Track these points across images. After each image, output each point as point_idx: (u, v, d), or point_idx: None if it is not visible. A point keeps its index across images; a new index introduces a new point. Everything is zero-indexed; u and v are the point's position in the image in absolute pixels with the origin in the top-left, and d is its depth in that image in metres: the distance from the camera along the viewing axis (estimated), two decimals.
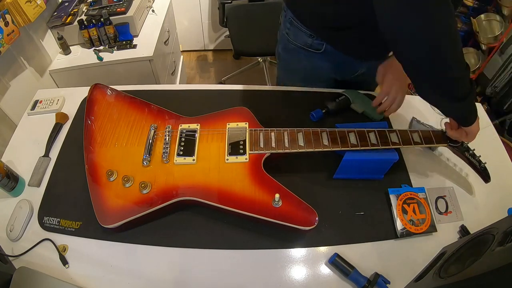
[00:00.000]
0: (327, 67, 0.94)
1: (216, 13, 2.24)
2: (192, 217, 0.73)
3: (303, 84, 1.02)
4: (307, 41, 0.88)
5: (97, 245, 0.70)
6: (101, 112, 0.83)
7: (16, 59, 1.19)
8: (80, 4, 1.48)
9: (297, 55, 0.94)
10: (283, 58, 1.01)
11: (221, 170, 0.72)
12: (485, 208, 0.79)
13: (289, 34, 0.92)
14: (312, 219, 0.66)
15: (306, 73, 0.99)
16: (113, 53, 1.45)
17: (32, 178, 0.79)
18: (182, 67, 2.11)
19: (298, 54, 0.93)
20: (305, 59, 0.93)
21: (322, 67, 0.94)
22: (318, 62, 0.92)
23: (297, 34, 0.89)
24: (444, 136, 0.77)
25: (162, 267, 0.68)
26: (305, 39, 0.88)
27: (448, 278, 0.54)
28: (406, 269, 0.68)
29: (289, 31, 0.91)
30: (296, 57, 0.95)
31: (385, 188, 0.77)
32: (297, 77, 1.02)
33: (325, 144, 0.74)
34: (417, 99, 1.01)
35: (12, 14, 1.08)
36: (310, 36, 0.87)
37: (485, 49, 1.91)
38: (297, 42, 0.91)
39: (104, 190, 0.71)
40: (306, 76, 1.00)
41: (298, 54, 0.93)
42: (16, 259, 0.68)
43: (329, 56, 0.89)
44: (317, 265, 0.69)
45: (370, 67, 0.94)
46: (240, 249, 0.70)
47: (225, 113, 0.82)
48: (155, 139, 0.77)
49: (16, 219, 0.72)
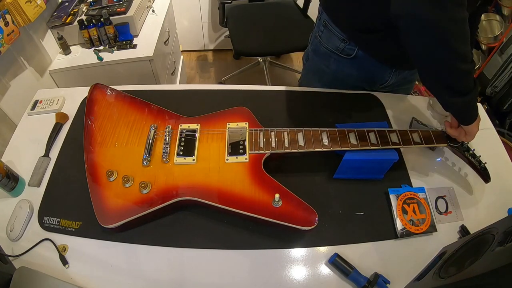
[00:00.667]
0: (356, 75, 0.93)
1: (216, 13, 2.24)
2: (192, 217, 0.73)
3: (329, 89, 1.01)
4: (339, 45, 0.88)
5: (97, 245, 0.70)
6: (101, 112, 0.83)
7: (16, 59, 1.19)
8: (80, 4, 1.48)
9: (327, 59, 0.93)
10: (311, 59, 1.00)
11: (221, 170, 0.72)
12: (485, 208, 0.79)
13: (321, 37, 0.92)
14: (312, 219, 0.66)
15: (334, 79, 0.98)
16: (113, 53, 1.45)
17: (32, 178, 0.79)
18: (182, 67, 2.11)
19: (328, 58, 0.93)
20: (334, 64, 0.93)
21: (351, 74, 0.93)
22: (347, 69, 0.92)
23: (330, 37, 0.89)
24: (444, 136, 0.77)
25: (162, 267, 0.68)
26: (337, 44, 0.88)
27: (448, 278, 0.54)
28: (406, 269, 0.68)
29: (322, 33, 0.91)
30: (325, 61, 0.94)
31: (385, 188, 0.77)
32: (323, 81, 1.01)
33: (325, 144, 0.74)
34: (417, 99, 1.01)
35: (12, 14, 1.08)
36: (342, 41, 0.86)
37: (485, 49, 1.91)
38: (329, 46, 0.90)
39: (104, 190, 0.71)
40: (332, 82, 0.99)
41: (328, 58, 0.93)
42: (16, 259, 0.68)
43: (360, 63, 0.89)
44: (317, 265, 0.69)
45: (400, 77, 0.94)
46: (240, 249, 0.70)
47: (225, 113, 0.82)
48: (155, 139, 0.77)
49: (16, 219, 0.72)
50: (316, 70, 1.01)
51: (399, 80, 0.95)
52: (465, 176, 0.84)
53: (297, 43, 1.80)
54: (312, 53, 0.99)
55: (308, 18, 1.91)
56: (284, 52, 2.39)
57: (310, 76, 1.05)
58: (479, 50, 1.97)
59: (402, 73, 0.93)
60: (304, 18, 1.92)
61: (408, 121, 0.93)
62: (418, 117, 0.92)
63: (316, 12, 0.96)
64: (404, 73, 0.94)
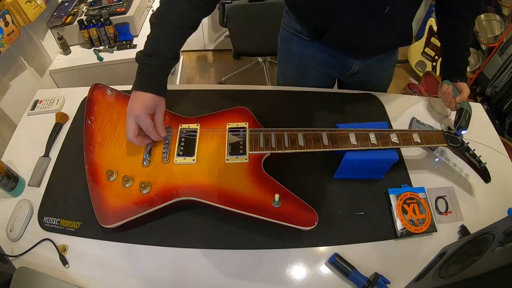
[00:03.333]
0: (320, 58, 0.95)
1: (216, 13, 2.23)
2: (192, 217, 0.73)
3: (299, 76, 1.03)
4: (297, 28, 0.92)
5: (97, 245, 0.70)
6: (101, 112, 0.83)
7: (16, 59, 1.19)
8: (80, 4, 1.48)
9: (290, 42, 0.97)
10: (280, 47, 1.04)
11: (221, 170, 0.72)
12: (485, 208, 0.79)
13: (284, 23, 0.96)
14: (312, 219, 0.65)
15: (300, 62, 1.00)
16: (113, 53, 1.45)
17: (32, 178, 0.79)
18: (182, 67, 2.11)
19: (291, 41, 0.96)
20: (297, 47, 0.96)
21: (314, 57, 0.96)
22: (310, 51, 0.95)
23: (291, 22, 0.93)
24: (444, 136, 0.77)
25: (162, 267, 0.68)
26: (296, 27, 0.92)
27: (448, 278, 0.54)
28: (406, 269, 0.68)
29: (284, 20, 0.96)
30: (289, 45, 0.98)
31: (385, 188, 0.77)
32: (291, 65, 1.03)
33: (325, 144, 0.74)
34: (417, 99, 1.01)
35: (12, 14, 1.08)
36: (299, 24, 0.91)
37: (485, 49, 1.91)
38: (290, 29, 0.94)
39: (104, 190, 0.71)
40: (299, 66, 1.01)
41: (291, 42, 0.96)
42: (16, 259, 0.68)
43: (320, 46, 0.92)
44: (317, 265, 0.69)
45: (365, 65, 0.94)
46: (240, 249, 0.70)
47: (225, 113, 0.82)
48: None
49: (16, 219, 0.72)
50: (283, 56, 1.05)
51: (368, 68, 0.96)
52: (465, 176, 0.84)
53: None
54: (280, 41, 1.02)
55: None
56: None
57: (281, 64, 1.08)
58: (479, 50, 1.97)
59: (367, 61, 0.94)
60: None
61: (408, 121, 0.93)
62: (418, 117, 0.92)
63: None
64: (369, 61, 0.94)
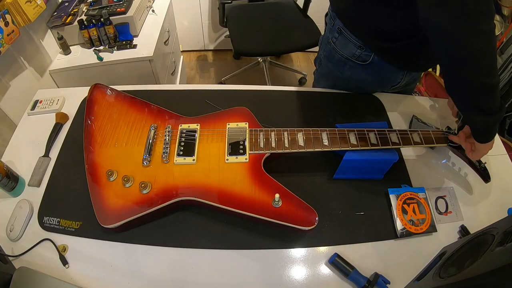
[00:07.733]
0: (371, 80, 0.93)
1: (216, 13, 2.24)
2: (192, 217, 0.73)
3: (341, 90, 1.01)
4: (355, 52, 0.86)
5: (97, 245, 0.70)
6: (101, 112, 0.83)
7: (16, 59, 1.19)
8: (80, 4, 1.48)
9: (341, 65, 0.92)
10: (324, 65, 0.99)
11: (221, 170, 0.72)
12: (485, 208, 0.79)
13: (336, 44, 0.90)
14: (312, 219, 0.66)
15: (348, 84, 0.97)
16: (113, 53, 1.45)
17: (32, 178, 0.79)
18: (182, 67, 2.11)
19: (343, 65, 0.92)
20: (349, 70, 0.92)
21: (365, 79, 0.93)
22: (362, 74, 0.91)
23: (345, 44, 0.87)
24: (444, 136, 0.77)
25: (162, 267, 0.68)
26: (353, 51, 0.86)
27: (448, 278, 0.54)
28: (406, 269, 0.68)
29: (336, 40, 0.89)
30: (340, 67, 0.93)
31: (385, 188, 0.77)
32: (337, 86, 1.00)
33: (325, 144, 0.74)
34: (417, 99, 1.01)
35: (12, 14, 1.08)
36: (359, 47, 0.85)
37: None
38: (344, 53, 0.89)
39: (104, 190, 0.71)
40: (346, 87, 0.99)
41: (343, 65, 0.92)
42: (16, 259, 0.68)
43: (375, 68, 0.88)
44: (317, 265, 0.69)
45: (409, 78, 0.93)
46: (240, 249, 0.70)
47: (225, 113, 0.82)
48: (155, 139, 0.77)
49: (16, 219, 0.72)
50: (329, 75, 0.99)
51: (408, 80, 0.94)
52: (465, 176, 0.84)
53: (297, 43, 1.80)
54: (326, 59, 0.97)
55: (308, 18, 1.91)
56: (284, 52, 2.39)
57: (323, 81, 1.03)
58: None
59: (412, 73, 0.93)
60: (304, 18, 1.91)
61: (408, 121, 0.93)
62: (418, 116, 0.92)
63: (316, 12, 0.96)
64: (413, 73, 0.94)
